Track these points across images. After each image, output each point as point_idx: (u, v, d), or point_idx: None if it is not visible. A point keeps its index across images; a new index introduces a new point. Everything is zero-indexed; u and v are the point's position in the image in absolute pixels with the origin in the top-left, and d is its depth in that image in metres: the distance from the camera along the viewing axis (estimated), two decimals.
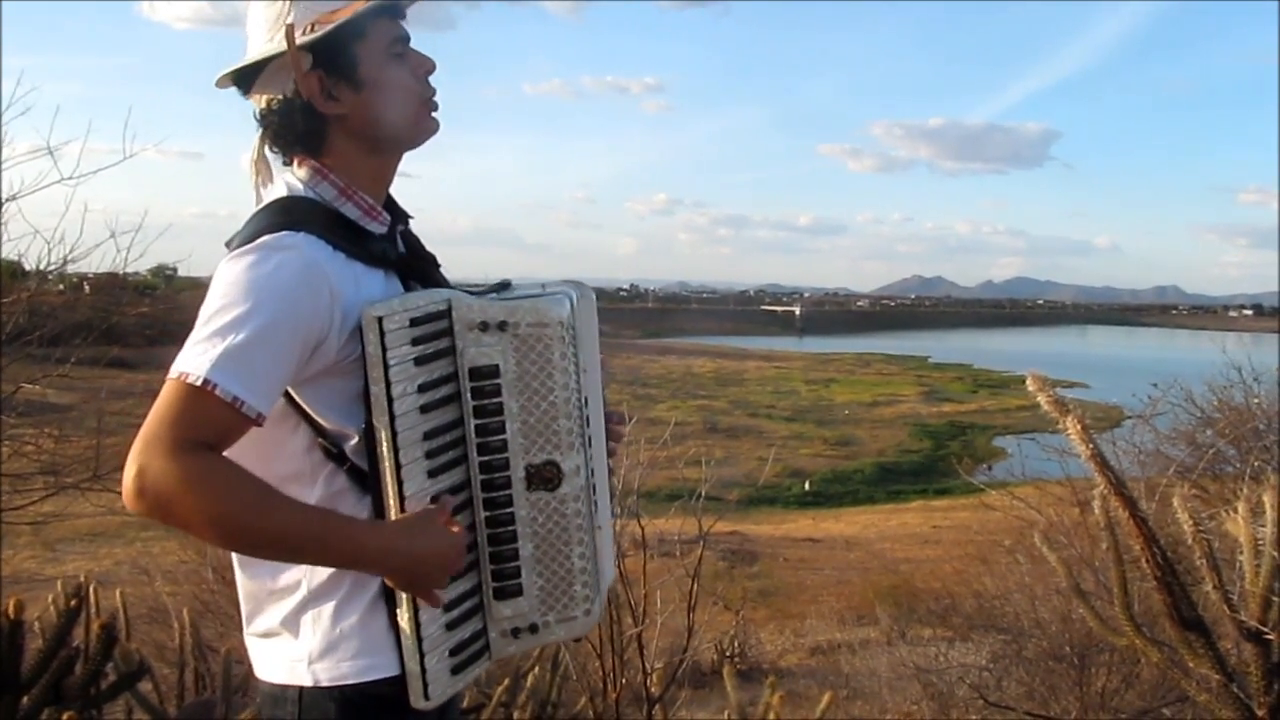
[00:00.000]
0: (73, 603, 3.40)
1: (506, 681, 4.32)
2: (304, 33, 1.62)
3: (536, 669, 4.38)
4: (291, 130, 1.67)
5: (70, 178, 7.38)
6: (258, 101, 1.69)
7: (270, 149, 1.73)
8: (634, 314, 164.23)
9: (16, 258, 8.24)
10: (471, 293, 1.67)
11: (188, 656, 4.90)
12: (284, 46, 1.61)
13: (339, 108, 1.65)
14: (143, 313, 10.52)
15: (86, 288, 11.26)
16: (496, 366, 1.63)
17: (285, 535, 1.48)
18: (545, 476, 1.67)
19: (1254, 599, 2.54)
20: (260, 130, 1.70)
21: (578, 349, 1.68)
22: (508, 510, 1.68)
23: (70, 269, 8.43)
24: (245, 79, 1.69)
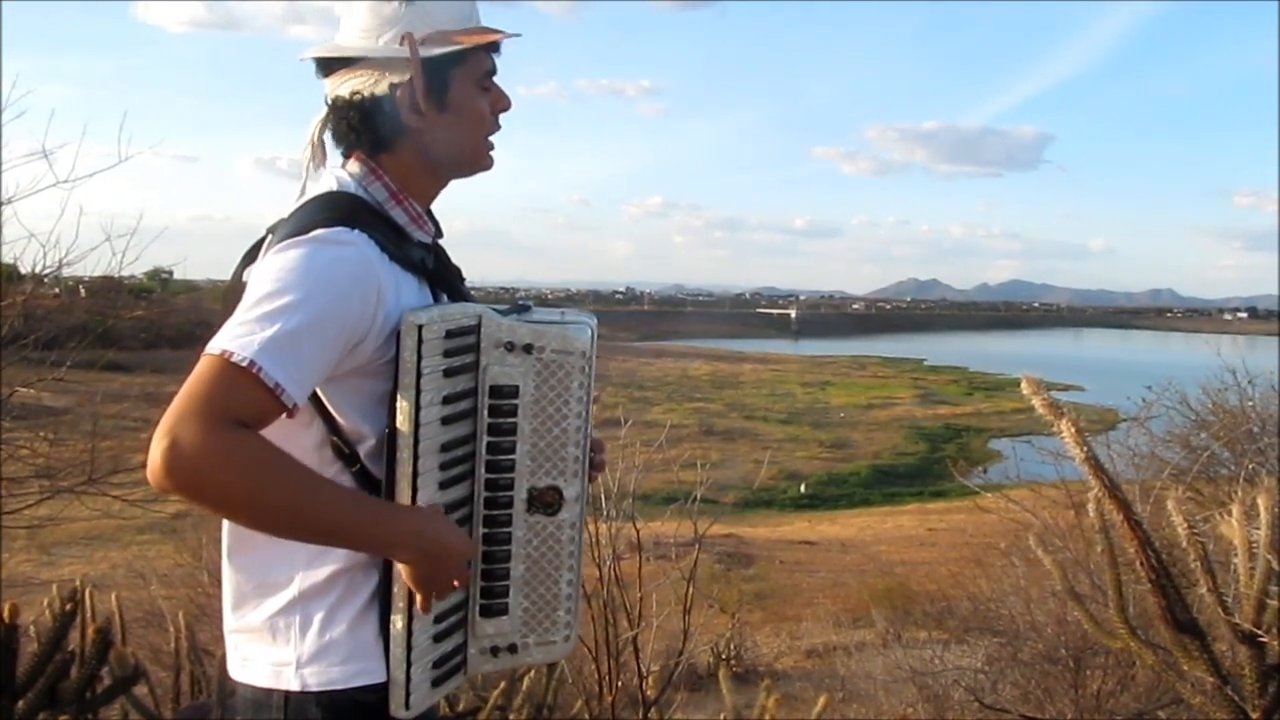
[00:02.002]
0: (68, 607, 3.39)
1: (503, 684, 4.32)
2: (420, 43, 1.63)
3: (533, 672, 4.38)
4: (370, 129, 1.67)
5: (66, 181, 7.35)
6: (335, 86, 1.69)
7: (331, 135, 1.72)
8: (630, 317, 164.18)
9: (12, 261, 8.23)
10: (498, 311, 1.68)
11: (183, 660, 4.90)
12: (393, 48, 1.63)
13: (420, 122, 1.66)
14: (139, 316, 10.49)
15: (82, 291, 11.23)
16: (517, 387, 1.64)
17: (323, 515, 1.47)
18: (546, 501, 1.69)
19: (1248, 602, 2.54)
20: (326, 114, 1.70)
21: (592, 379, 1.70)
22: (506, 530, 1.70)
23: (66, 272, 8.40)
24: (329, 61, 1.70)
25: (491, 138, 1.76)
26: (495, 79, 1.75)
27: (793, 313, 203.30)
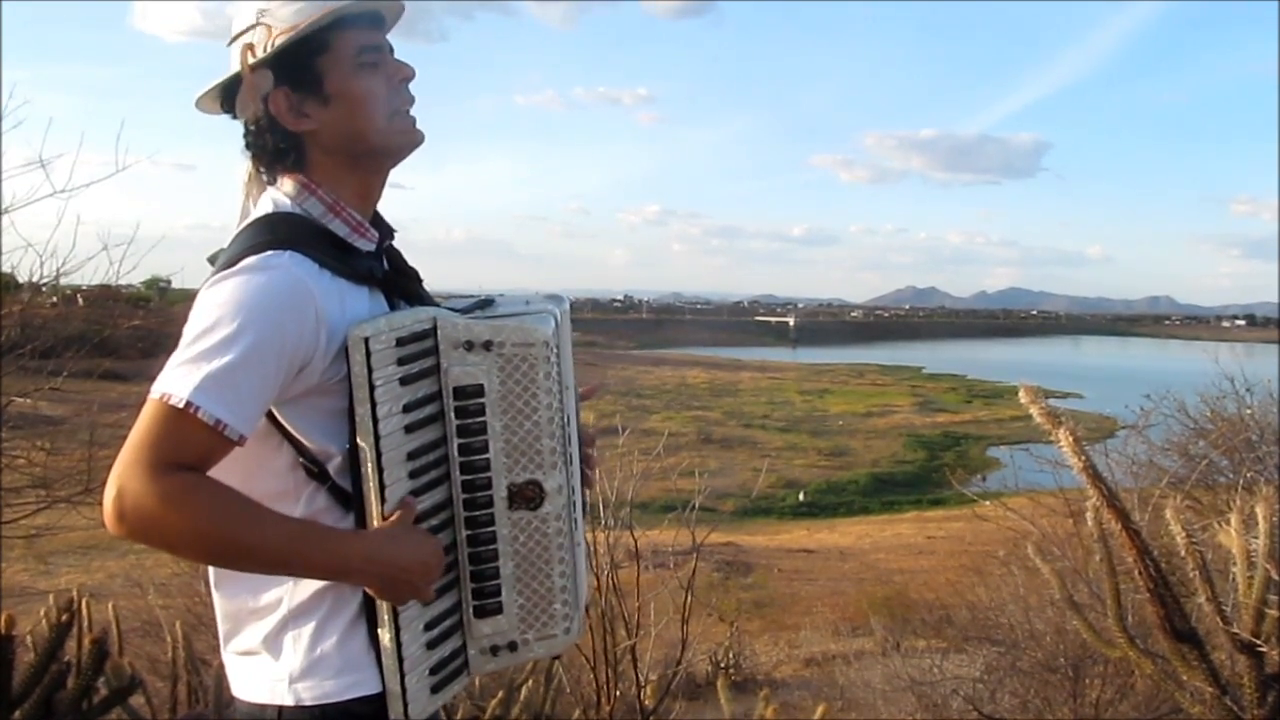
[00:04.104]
0: (64, 617, 3.39)
1: (501, 694, 4.31)
2: (264, 50, 1.61)
3: (530, 682, 4.37)
4: (264, 149, 1.66)
5: (63, 190, 7.36)
6: (242, 121, 1.69)
7: (259, 171, 1.72)
8: (628, 325, 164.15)
9: (10, 270, 8.23)
10: (456, 310, 1.66)
11: (180, 670, 4.89)
12: (236, 66, 1.63)
13: (309, 124, 1.65)
14: (136, 325, 10.47)
15: (80, 300, 11.24)
16: (481, 386, 1.62)
17: (268, 548, 1.49)
18: (527, 495, 1.67)
19: (1247, 611, 2.54)
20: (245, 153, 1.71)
21: (561, 368, 1.69)
22: (489, 529, 1.68)
23: (63, 281, 8.38)
24: (229, 101, 1.69)
25: (411, 112, 1.72)
26: (392, 53, 1.71)
27: (791, 320, 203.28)
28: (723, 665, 14.50)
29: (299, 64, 1.63)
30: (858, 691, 12.20)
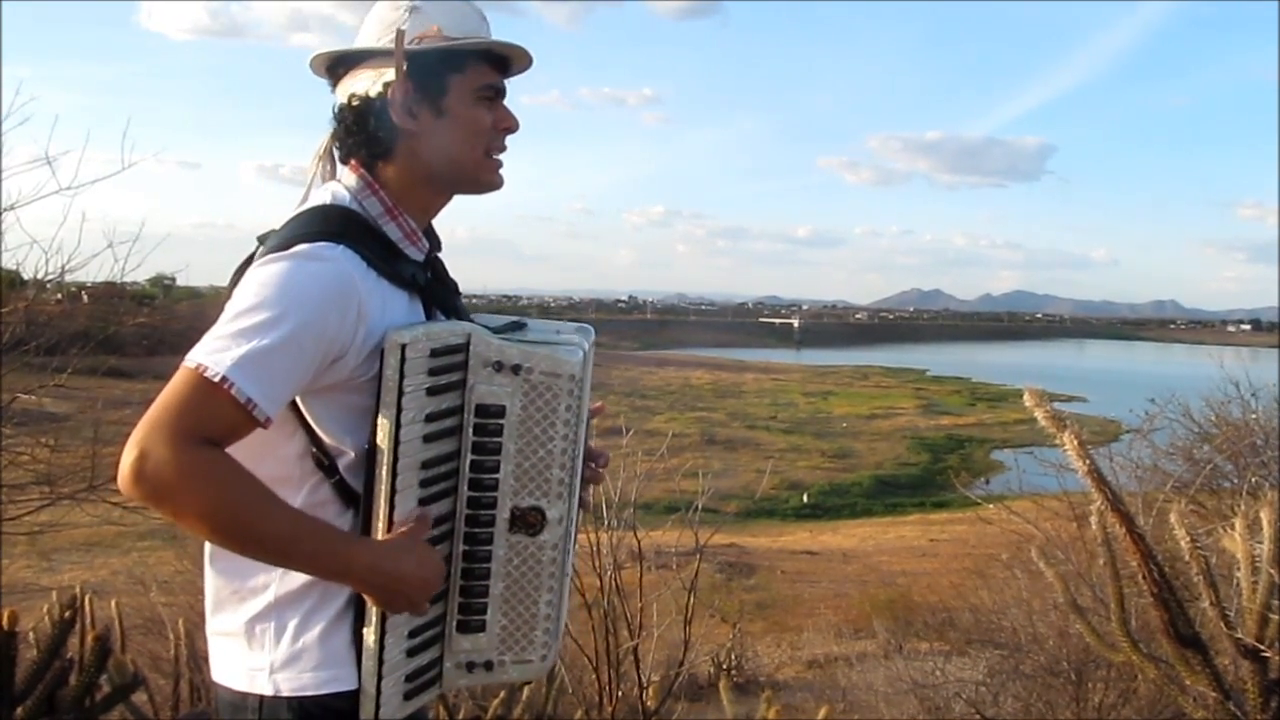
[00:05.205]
0: (67, 614, 3.39)
1: (503, 694, 4.31)
2: (412, 42, 1.65)
3: (533, 682, 4.37)
4: (362, 130, 1.68)
5: (68, 187, 7.37)
6: (339, 94, 1.72)
7: (335, 147, 1.74)
8: (632, 325, 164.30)
9: (14, 267, 8.25)
10: (489, 328, 1.68)
11: (182, 668, 4.90)
12: (388, 46, 1.65)
13: (413, 124, 1.67)
14: (141, 322, 10.50)
15: (84, 297, 11.24)
16: (503, 407, 1.64)
17: (278, 539, 1.49)
18: (529, 521, 1.69)
19: (1251, 616, 2.54)
20: (333, 126, 1.73)
21: (581, 401, 1.70)
22: (486, 548, 1.70)
23: (68, 278, 8.41)
24: (335, 73, 1.73)
25: (499, 157, 1.76)
26: (505, 103, 1.76)
27: (795, 322, 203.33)
28: (725, 666, 14.49)
29: (433, 70, 1.67)
30: (860, 694, 12.19)
